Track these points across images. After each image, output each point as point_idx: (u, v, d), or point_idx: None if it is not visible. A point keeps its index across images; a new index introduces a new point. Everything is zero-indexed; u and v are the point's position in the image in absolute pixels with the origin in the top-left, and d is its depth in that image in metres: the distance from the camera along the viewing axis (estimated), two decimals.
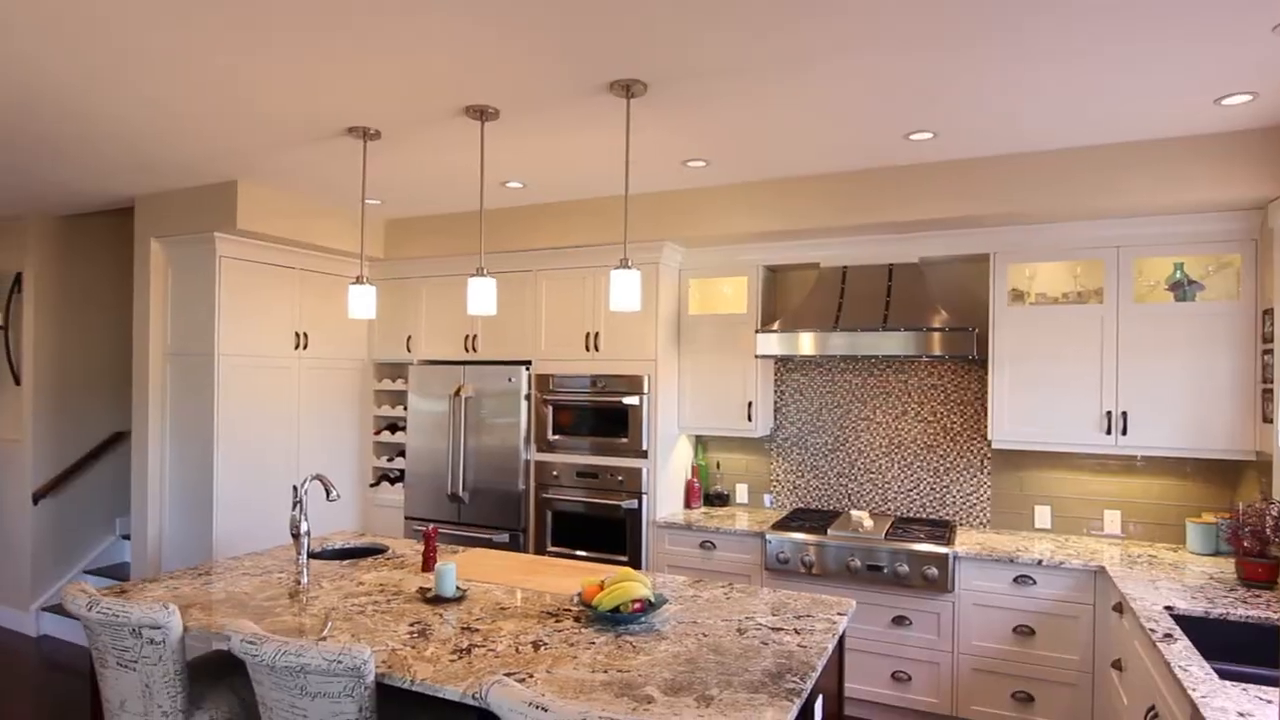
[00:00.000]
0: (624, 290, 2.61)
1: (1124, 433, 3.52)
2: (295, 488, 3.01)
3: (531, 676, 2.03)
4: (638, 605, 2.42)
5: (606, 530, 4.28)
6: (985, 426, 4.04)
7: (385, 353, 5.13)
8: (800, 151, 3.43)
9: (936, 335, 3.59)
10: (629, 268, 2.61)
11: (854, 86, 2.67)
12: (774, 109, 2.89)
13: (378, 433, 5.18)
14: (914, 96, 2.77)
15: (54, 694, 4.08)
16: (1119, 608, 3.02)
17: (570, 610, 2.59)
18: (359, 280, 3.16)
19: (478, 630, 2.39)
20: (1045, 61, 2.46)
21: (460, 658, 2.17)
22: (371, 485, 5.17)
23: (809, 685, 2.00)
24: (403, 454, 5.14)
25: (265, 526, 4.46)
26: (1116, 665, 2.99)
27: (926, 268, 4.15)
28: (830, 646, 2.29)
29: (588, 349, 4.38)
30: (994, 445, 3.76)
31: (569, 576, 3.00)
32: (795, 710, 1.86)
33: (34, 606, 4.98)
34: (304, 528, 3.11)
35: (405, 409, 5.04)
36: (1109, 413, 3.54)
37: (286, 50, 2.44)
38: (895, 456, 4.23)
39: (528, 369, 4.54)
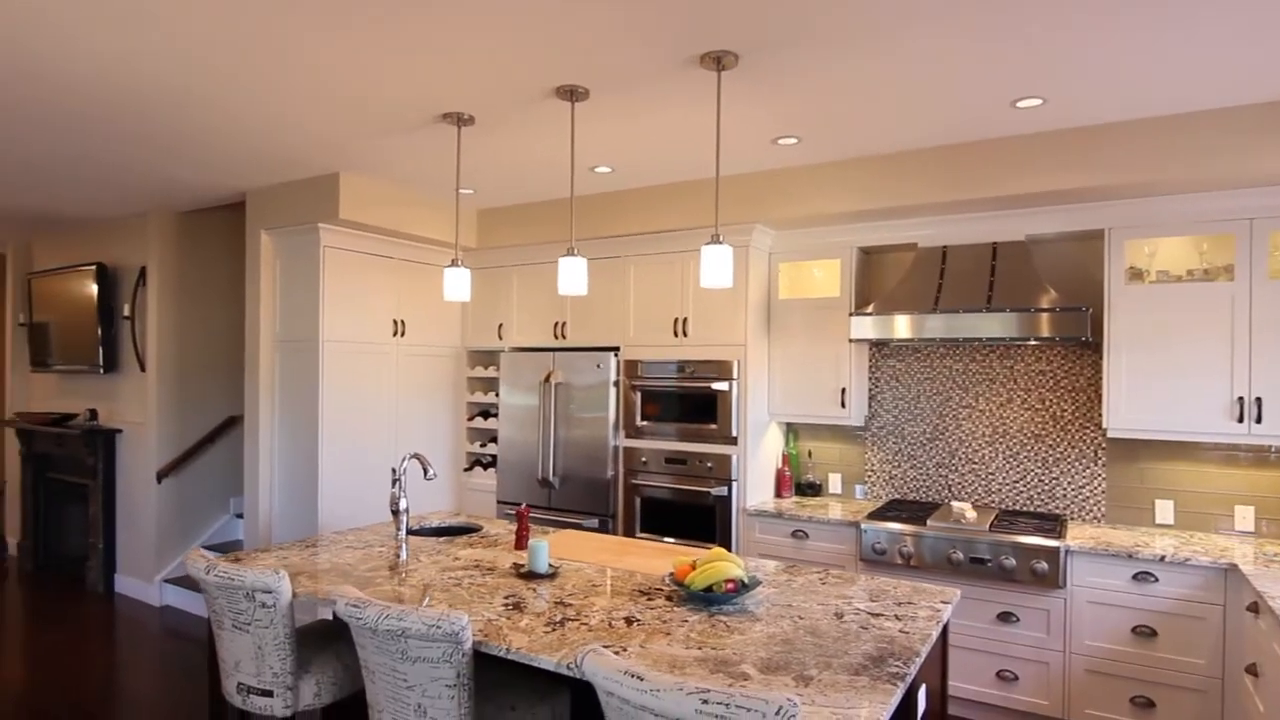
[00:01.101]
0: (716, 266, 2.56)
1: (1258, 421, 3.23)
2: (394, 470, 3.11)
3: (625, 650, 2.02)
4: (730, 585, 2.38)
5: (695, 517, 4.25)
6: (1099, 414, 3.79)
7: (477, 340, 5.24)
8: (897, 124, 3.30)
9: (1045, 316, 3.39)
10: (720, 242, 2.56)
11: (957, 50, 2.54)
12: (870, 78, 2.79)
13: (470, 419, 5.31)
14: (1022, 60, 2.62)
15: (175, 659, 4.36)
16: (1254, 608, 2.77)
17: (662, 589, 2.57)
18: (454, 263, 3.23)
19: (570, 605, 2.40)
20: (1176, 19, 2.27)
21: (554, 630, 2.18)
22: (465, 470, 5.30)
23: (913, 670, 1.91)
24: (494, 440, 5.25)
25: (365, 506, 4.64)
26: (1251, 670, 2.74)
27: (1033, 246, 3.92)
28: (934, 634, 2.18)
29: (676, 335, 4.35)
30: (1110, 434, 3.52)
31: (659, 558, 2.98)
32: (899, 695, 1.78)
33: (158, 578, 5.34)
34: (403, 505, 3.20)
35: (497, 396, 5.15)
36: (1240, 399, 3.25)
37: (382, 38, 2.50)
38: (999, 446, 4.02)
39: (616, 355, 4.55)
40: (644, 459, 4.44)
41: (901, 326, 3.69)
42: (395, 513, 3.20)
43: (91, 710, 3.69)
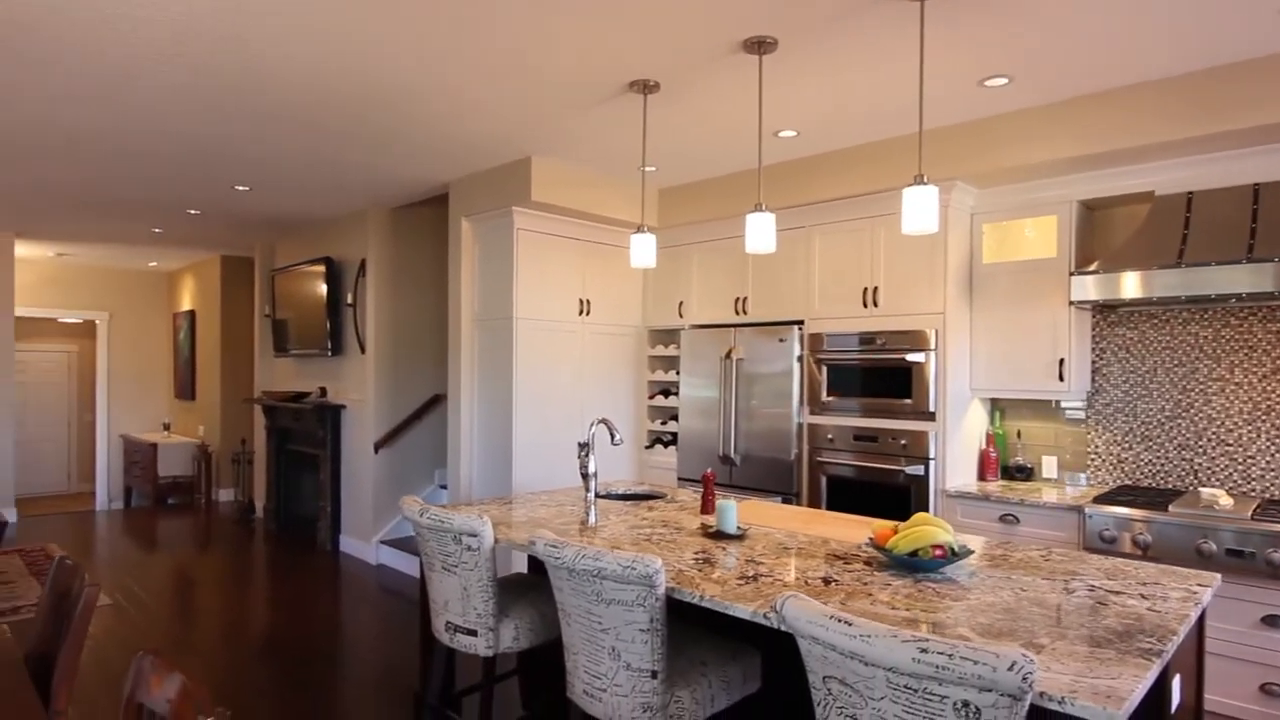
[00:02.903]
0: (920, 209, 2.37)
1: None
2: (582, 440, 3.18)
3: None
4: (939, 551, 2.18)
5: (886, 497, 4.00)
6: None
7: (658, 319, 5.29)
8: (1132, 52, 2.90)
9: None
10: (924, 183, 2.37)
11: None
12: None
13: (651, 397, 5.37)
14: None
15: (388, 608, 4.77)
16: None
17: (859, 555, 2.42)
18: (640, 229, 3.25)
19: (762, 563, 2.31)
20: None
21: (747, 583, 2.11)
22: (646, 447, 5.37)
23: (1169, 649, 1.64)
24: (675, 418, 5.26)
25: (554, 476, 4.82)
26: None
27: None
28: (1191, 616, 1.87)
29: (865, 305, 4.13)
30: None
31: (851, 528, 2.82)
32: (1155, 670, 1.53)
33: (375, 539, 5.88)
34: (592, 468, 3.27)
35: (677, 374, 5.16)
36: None
37: (569, 6, 2.56)
38: (1263, 425, 3.43)
39: (800, 329, 4.40)
40: (830, 436, 4.26)
41: (1134, 285, 3.24)
42: (584, 476, 3.28)
43: (322, 645, 4.11)
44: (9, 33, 2.82)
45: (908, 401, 3.94)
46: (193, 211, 6.04)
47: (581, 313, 4.99)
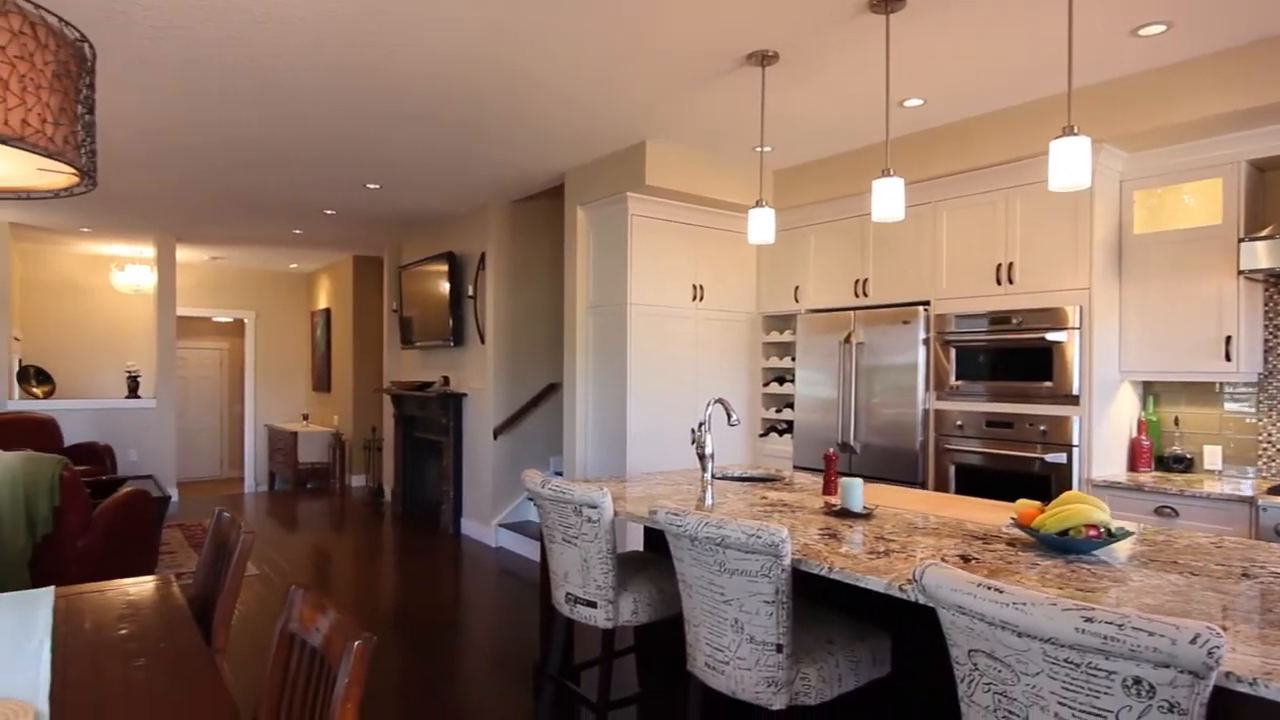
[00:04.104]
0: (1070, 162, 2.19)
1: None
2: (693, 430, 3.14)
3: None
4: (1093, 531, 2.01)
5: (1023, 487, 3.74)
6: None
7: (773, 304, 5.19)
8: None
9: None
10: (1075, 134, 2.19)
11: None
12: None
13: (765, 384, 5.27)
14: None
15: (507, 587, 4.90)
16: None
17: (999, 536, 2.26)
18: (758, 203, 3.18)
19: (892, 540, 2.20)
20: None
21: (878, 558, 2.01)
22: (760, 435, 5.28)
23: None
24: (790, 405, 5.14)
25: (667, 463, 4.81)
26: None
27: None
28: None
29: (999, 282, 3.89)
30: None
31: (988, 511, 2.65)
32: None
33: (494, 522, 6.06)
34: (708, 448, 3.24)
35: (793, 360, 5.04)
36: None
37: None
38: None
39: (925, 310, 4.19)
40: (959, 422, 4.03)
41: None
42: (701, 456, 3.25)
43: (445, 619, 4.27)
44: (165, 35, 3.08)
45: (1047, 384, 3.68)
46: (329, 212, 6.43)
47: (695, 298, 4.95)
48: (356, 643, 1.09)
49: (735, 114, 3.92)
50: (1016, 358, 3.79)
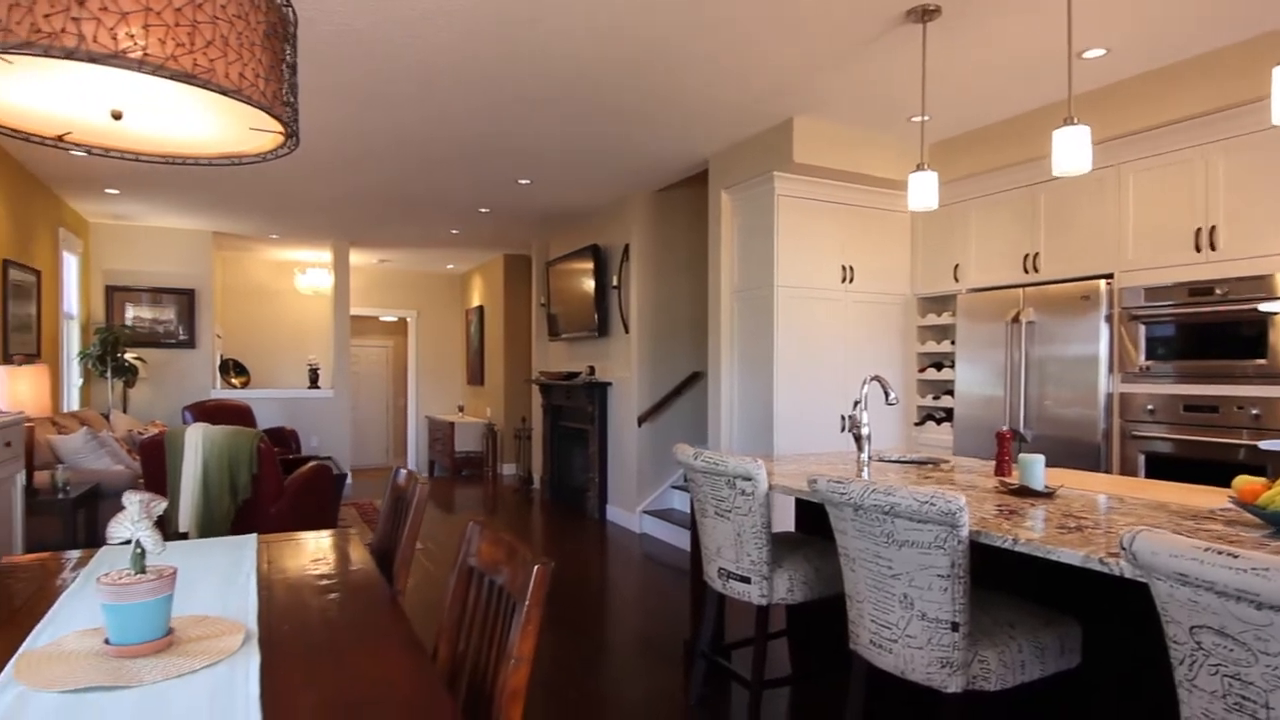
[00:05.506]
0: None
1: None
2: (845, 417, 3.01)
3: None
4: None
5: (1228, 479, 3.31)
6: None
7: (928, 285, 4.91)
8: None
9: None
10: None
11: None
12: None
13: (921, 370, 5.00)
14: None
15: (652, 571, 4.93)
16: None
17: (1214, 517, 2.01)
18: (919, 167, 3.01)
19: (1084, 518, 2.00)
20: None
21: (1069, 533, 1.83)
22: (916, 424, 5.01)
23: None
24: (949, 392, 4.85)
25: (814, 447, 4.66)
26: None
27: None
28: None
29: (1198, 249, 3.47)
30: None
31: (1194, 494, 2.36)
32: None
33: (638, 509, 6.13)
34: (865, 429, 3.09)
35: (951, 344, 4.75)
36: None
37: None
38: None
39: (1107, 284, 3.81)
40: (1149, 406, 3.63)
41: None
42: (857, 437, 3.11)
43: (593, 599, 4.36)
44: (341, 37, 3.33)
45: (1258, 362, 3.24)
46: (483, 210, 6.76)
47: (844, 280, 4.78)
48: (536, 567, 1.10)
49: (890, 82, 3.74)
50: (1220, 333, 3.37)
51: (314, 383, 8.79)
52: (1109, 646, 2.09)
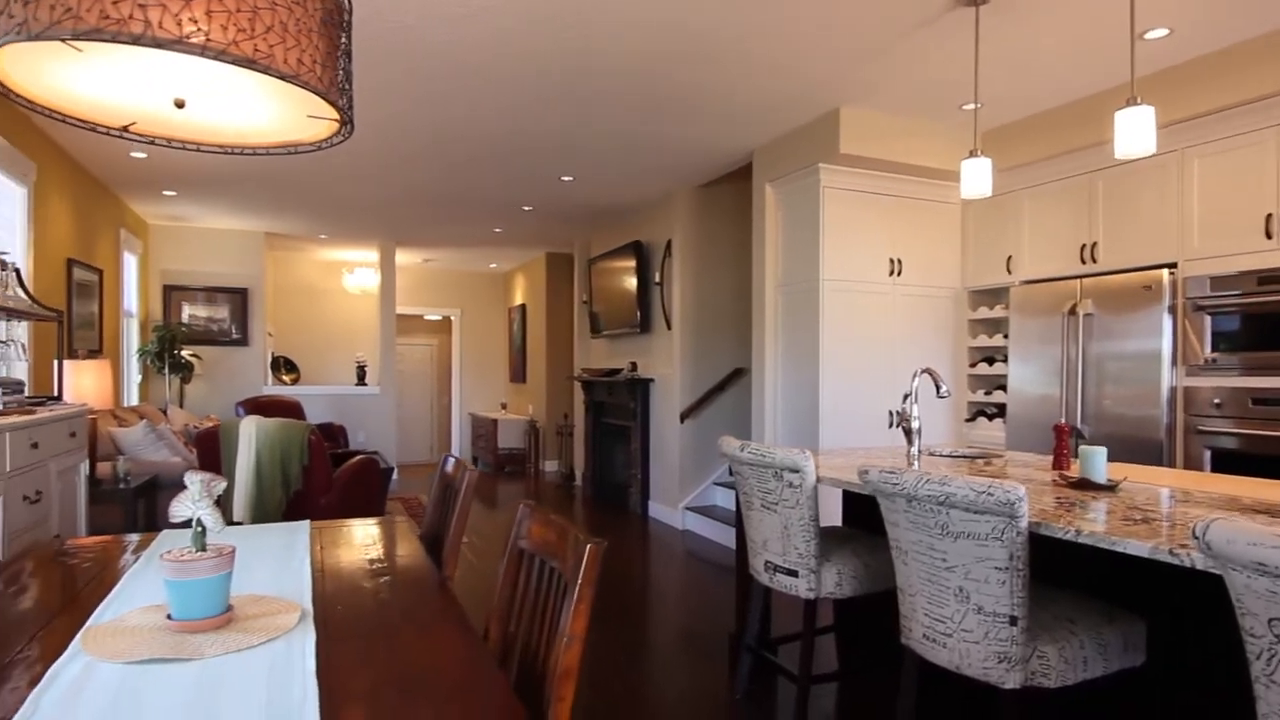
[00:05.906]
0: None
1: None
2: (891, 413, 2.95)
3: None
4: None
5: None
6: None
7: (980, 278, 4.79)
8: None
9: None
10: None
11: None
12: None
13: (972, 365, 4.88)
14: None
15: (695, 568, 4.91)
16: None
17: None
18: (972, 153, 2.94)
19: (1150, 510, 1.93)
20: None
21: (1134, 525, 1.76)
22: (967, 420, 4.90)
23: None
24: (1001, 387, 4.72)
25: (860, 442, 4.59)
26: None
27: None
28: None
29: (1269, 235, 3.32)
30: None
31: (1267, 489, 2.25)
32: None
33: (681, 505, 6.11)
34: (915, 422, 3.03)
35: (1004, 338, 4.62)
36: None
37: None
38: None
39: (1170, 273, 3.68)
40: (1216, 401, 3.49)
41: None
42: (907, 431, 3.05)
43: (636, 594, 4.35)
44: (392, 32, 3.38)
45: None
46: (526, 207, 6.80)
47: (892, 273, 4.69)
48: (589, 546, 1.10)
49: (941, 68, 3.66)
50: None
51: (361, 380, 8.96)
52: (1175, 644, 2.00)
